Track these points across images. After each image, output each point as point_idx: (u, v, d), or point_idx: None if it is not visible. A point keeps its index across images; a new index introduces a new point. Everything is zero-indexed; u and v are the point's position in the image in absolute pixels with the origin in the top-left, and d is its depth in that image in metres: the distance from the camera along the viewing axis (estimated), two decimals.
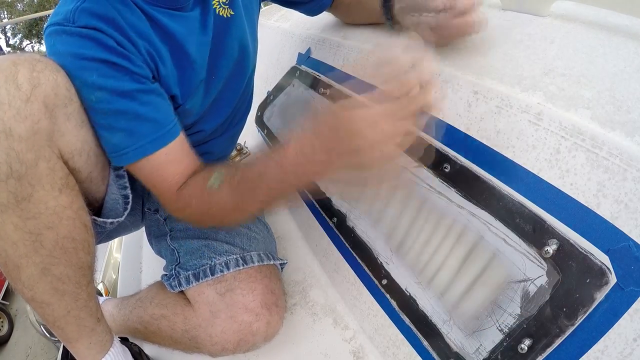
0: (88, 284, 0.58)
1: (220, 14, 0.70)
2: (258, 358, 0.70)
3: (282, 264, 0.77)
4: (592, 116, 0.42)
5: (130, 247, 1.21)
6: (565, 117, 0.43)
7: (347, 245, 0.72)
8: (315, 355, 0.68)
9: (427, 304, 0.55)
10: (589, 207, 0.39)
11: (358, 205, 0.72)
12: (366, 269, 0.67)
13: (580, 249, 0.39)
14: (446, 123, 0.55)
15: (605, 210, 0.38)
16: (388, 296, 0.62)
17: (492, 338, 0.46)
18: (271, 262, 0.72)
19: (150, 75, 0.60)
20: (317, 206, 0.83)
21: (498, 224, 0.47)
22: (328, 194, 0.80)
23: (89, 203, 0.61)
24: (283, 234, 0.92)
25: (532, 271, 0.43)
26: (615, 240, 0.37)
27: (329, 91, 0.81)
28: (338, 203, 0.77)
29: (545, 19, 0.57)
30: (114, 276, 1.25)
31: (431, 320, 0.54)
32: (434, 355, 0.53)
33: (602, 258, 0.37)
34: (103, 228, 0.67)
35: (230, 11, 0.71)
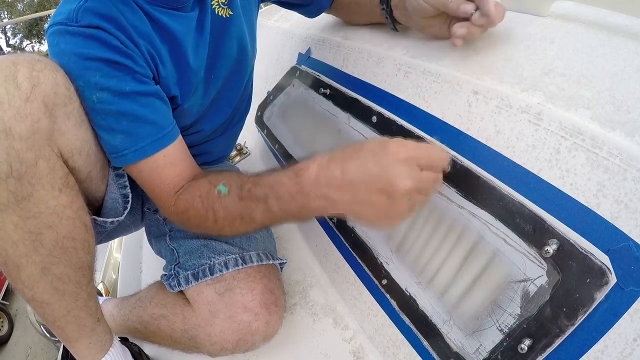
0: (88, 284, 0.58)
1: (219, 14, 0.70)
2: (258, 358, 0.70)
3: (282, 264, 0.77)
4: (592, 116, 0.42)
5: (130, 247, 1.21)
6: (565, 117, 0.43)
7: (347, 245, 0.72)
8: (315, 355, 0.68)
9: (427, 304, 0.55)
10: (589, 207, 0.39)
11: None
12: (366, 269, 0.67)
13: (580, 249, 0.39)
14: (445, 122, 0.55)
15: (605, 210, 0.38)
16: (388, 296, 0.62)
17: (492, 338, 0.46)
18: (270, 262, 0.72)
19: (151, 75, 0.60)
20: None
21: (498, 224, 0.46)
22: None
23: (89, 203, 0.61)
24: (283, 234, 0.92)
25: (532, 271, 0.43)
26: (615, 240, 0.37)
27: (329, 91, 0.81)
28: None
29: (545, 19, 0.57)
30: (114, 276, 1.25)
31: (431, 320, 0.54)
32: (434, 355, 0.53)
33: (602, 258, 0.37)
34: (103, 228, 0.67)
35: (229, 11, 0.71)
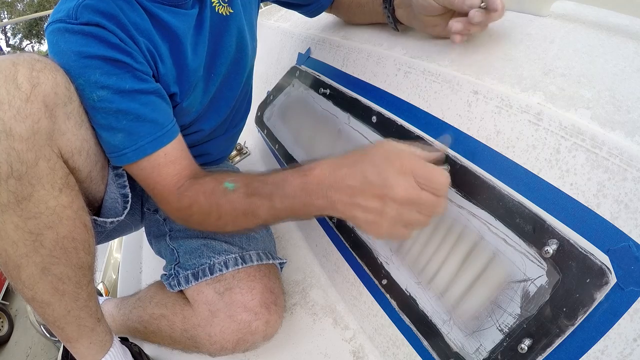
0: (88, 284, 0.58)
1: (219, 12, 0.70)
2: (257, 358, 0.70)
3: (282, 264, 0.77)
4: (592, 116, 0.42)
5: (130, 247, 1.21)
6: (565, 117, 0.43)
7: (347, 245, 0.72)
8: (315, 355, 0.68)
9: (427, 304, 0.55)
10: (589, 207, 0.39)
11: None
12: (366, 269, 0.67)
13: (580, 249, 0.39)
14: (445, 122, 0.55)
15: (605, 210, 0.38)
16: (388, 296, 0.62)
17: (492, 338, 0.46)
18: (270, 262, 0.72)
19: (150, 72, 0.60)
20: None
21: (498, 224, 0.46)
22: None
23: (89, 203, 0.61)
24: (283, 234, 0.92)
25: (532, 271, 0.43)
26: (615, 240, 0.37)
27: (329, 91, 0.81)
28: None
29: (545, 19, 0.57)
30: (114, 276, 1.25)
31: (431, 320, 0.54)
32: (434, 355, 0.53)
33: (602, 258, 0.37)
34: (103, 228, 0.67)
35: (229, 9, 0.71)
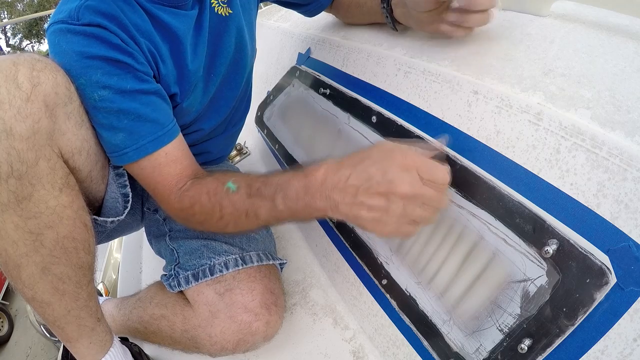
0: (88, 284, 0.58)
1: (218, 13, 0.70)
2: (258, 358, 0.70)
3: (282, 264, 0.77)
4: (592, 116, 0.42)
5: (130, 247, 1.21)
6: (565, 117, 0.43)
7: (347, 245, 0.72)
8: (315, 355, 0.68)
9: (427, 304, 0.55)
10: (589, 207, 0.39)
11: None
12: (366, 269, 0.67)
13: (580, 249, 0.39)
14: (445, 122, 0.55)
15: (605, 210, 0.38)
16: (388, 296, 0.62)
17: (492, 338, 0.46)
18: (270, 262, 0.72)
19: (152, 73, 0.60)
20: None
21: (498, 224, 0.46)
22: None
23: (89, 202, 0.61)
24: (283, 234, 0.92)
25: (532, 271, 0.43)
26: (615, 240, 0.37)
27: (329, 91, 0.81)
28: None
29: (545, 19, 0.57)
30: (114, 276, 1.25)
31: (431, 320, 0.54)
32: (434, 355, 0.53)
33: (602, 258, 0.37)
34: (103, 227, 0.67)
35: (228, 10, 0.71)
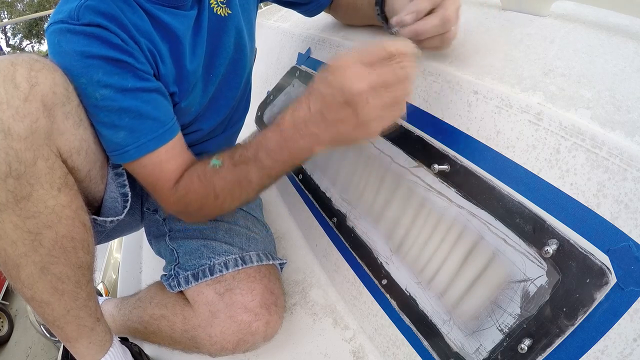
0: (87, 284, 0.58)
1: (217, 13, 0.70)
2: (258, 358, 0.70)
3: (282, 264, 0.77)
4: (592, 116, 0.42)
5: (130, 247, 1.21)
6: (565, 117, 0.43)
7: (347, 245, 0.72)
8: (315, 355, 0.68)
9: (427, 304, 0.55)
10: (589, 207, 0.39)
11: (358, 205, 0.72)
12: (366, 269, 0.67)
13: (580, 249, 0.39)
14: (445, 122, 0.55)
15: (605, 210, 0.38)
16: (388, 296, 0.62)
17: (492, 338, 0.46)
18: (270, 262, 0.72)
19: (152, 72, 0.60)
20: (317, 206, 0.83)
21: (498, 224, 0.46)
22: (328, 194, 0.80)
23: (89, 202, 0.61)
24: (283, 234, 0.92)
25: (532, 271, 0.43)
26: (615, 240, 0.37)
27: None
28: (338, 203, 0.77)
29: (545, 19, 0.57)
30: (114, 276, 1.25)
31: (431, 320, 0.54)
32: (434, 355, 0.53)
33: (602, 258, 0.37)
34: (103, 227, 0.67)
35: (227, 10, 0.72)
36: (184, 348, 0.71)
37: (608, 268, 0.37)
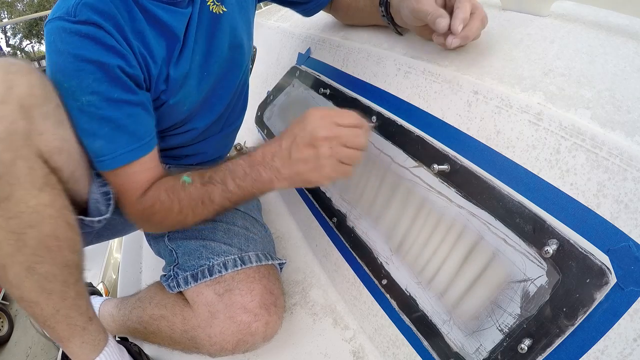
0: (76, 283, 0.58)
1: (213, 11, 0.71)
2: (258, 358, 0.70)
3: (282, 264, 0.77)
4: (592, 116, 0.42)
5: (130, 247, 1.21)
6: (565, 117, 0.43)
7: (347, 245, 0.72)
8: (315, 355, 0.68)
9: (427, 304, 0.55)
10: (589, 207, 0.39)
11: (358, 205, 0.72)
12: (366, 269, 0.67)
13: (580, 249, 0.39)
14: (445, 122, 0.55)
15: (605, 210, 0.38)
16: (388, 296, 0.62)
17: (492, 338, 0.46)
18: (269, 262, 0.72)
19: (141, 77, 0.62)
20: (317, 206, 0.83)
21: (498, 224, 0.46)
22: (328, 194, 0.80)
23: (77, 203, 0.61)
24: (283, 234, 0.92)
25: (532, 271, 0.43)
26: (615, 240, 0.37)
27: (329, 91, 0.81)
28: (338, 203, 0.77)
29: (545, 19, 0.57)
30: (114, 276, 1.25)
31: (431, 320, 0.54)
32: (434, 355, 0.53)
33: (602, 258, 0.37)
34: (91, 227, 0.66)
35: (222, 8, 0.72)
36: (184, 348, 0.71)
37: (608, 268, 0.37)
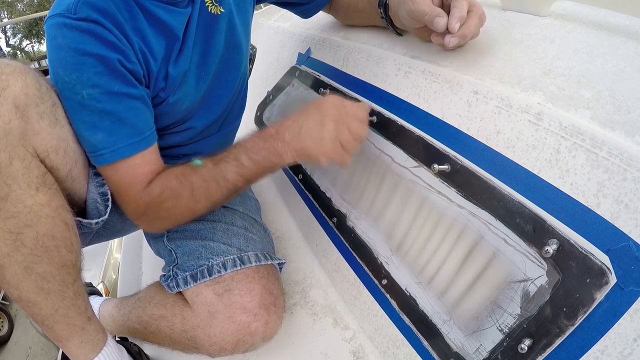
0: (74, 282, 0.58)
1: (211, 11, 0.71)
2: (258, 358, 0.70)
3: (281, 264, 0.77)
4: (592, 116, 0.42)
5: (130, 247, 1.21)
6: (565, 117, 0.43)
7: (347, 245, 0.72)
8: (315, 355, 0.68)
9: (427, 304, 0.55)
10: (589, 207, 0.39)
11: (358, 205, 0.72)
12: (366, 269, 0.67)
13: (580, 249, 0.39)
14: (445, 122, 0.55)
15: (605, 210, 0.38)
16: (388, 296, 0.62)
17: (492, 338, 0.46)
18: (269, 262, 0.72)
19: (141, 72, 0.62)
20: (317, 206, 0.83)
21: (498, 224, 0.46)
22: (328, 194, 0.80)
23: (74, 203, 0.61)
24: (283, 234, 0.92)
25: (532, 271, 0.43)
26: (615, 240, 0.37)
27: (329, 91, 0.81)
28: (338, 203, 0.77)
29: (545, 19, 0.57)
30: (114, 276, 1.25)
31: (431, 320, 0.54)
32: (434, 355, 0.53)
33: (602, 258, 0.37)
34: (89, 228, 0.67)
35: (220, 8, 0.72)
36: (184, 348, 0.71)
37: (608, 268, 0.37)
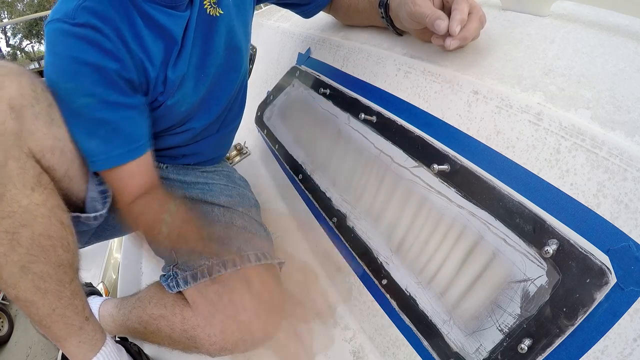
0: (71, 282, 0.58)
1: (210, 13, 0.71)
2: (258, 358, 0.70)
3: (281, 264, 0.77)
4: (592, 116, 0.42)
5: (130, 247, 1.21)
6: (565, 117, 0.43)
7: (347, 245, 0.72)
8: (315, 355, 0.68)
9: (427, 304, 0.55)
10: (589, 207, 0.39)
11: (358, 205, 0.72)
12: (366, 269, 0.67)
13: (580, 249, 0.39)
14: (445, 122, 0.55)
15: (605, 210, 0.38)
16: (388, 296, 0.62)
17: (492, 338, 0.46)
18: (269, 262, 0.72)
19: (137, 81, 0.63)
20: (317, 206, 0.83)
21: (498, 224, 0.46)
22: (328, 194, 0.80)
23: (72, 202, 0.62)
24: (283, 234, 0.92)
25: (532, 271, 0.43)
26: (615, 240, 0.37)
27: (329, 91, 0.81)
28: (338, 203, 0.77)
29: (545, 19, 0.57)
30: (114, 276, 1.25)
31: (431, 320, 0.54)
32: (434, 355, 0.53)
33: (602, 258, 0.37)
34: (88, 225, 0.66)
35: (219, 10, 0.72)
36: (184, 348, 0.71)
37: (608, 268, 0.37)
